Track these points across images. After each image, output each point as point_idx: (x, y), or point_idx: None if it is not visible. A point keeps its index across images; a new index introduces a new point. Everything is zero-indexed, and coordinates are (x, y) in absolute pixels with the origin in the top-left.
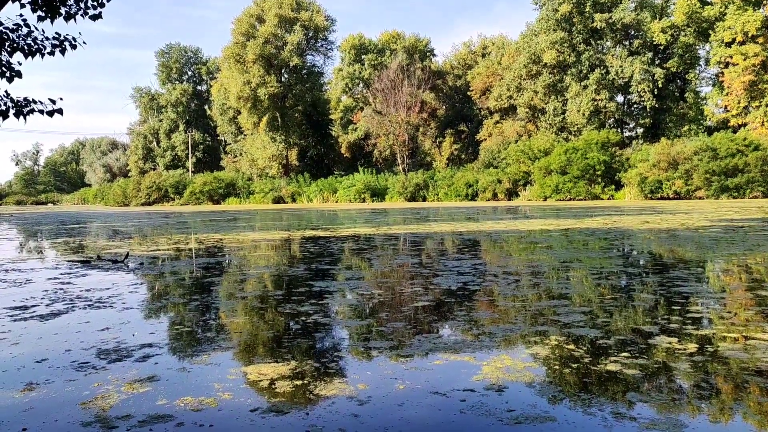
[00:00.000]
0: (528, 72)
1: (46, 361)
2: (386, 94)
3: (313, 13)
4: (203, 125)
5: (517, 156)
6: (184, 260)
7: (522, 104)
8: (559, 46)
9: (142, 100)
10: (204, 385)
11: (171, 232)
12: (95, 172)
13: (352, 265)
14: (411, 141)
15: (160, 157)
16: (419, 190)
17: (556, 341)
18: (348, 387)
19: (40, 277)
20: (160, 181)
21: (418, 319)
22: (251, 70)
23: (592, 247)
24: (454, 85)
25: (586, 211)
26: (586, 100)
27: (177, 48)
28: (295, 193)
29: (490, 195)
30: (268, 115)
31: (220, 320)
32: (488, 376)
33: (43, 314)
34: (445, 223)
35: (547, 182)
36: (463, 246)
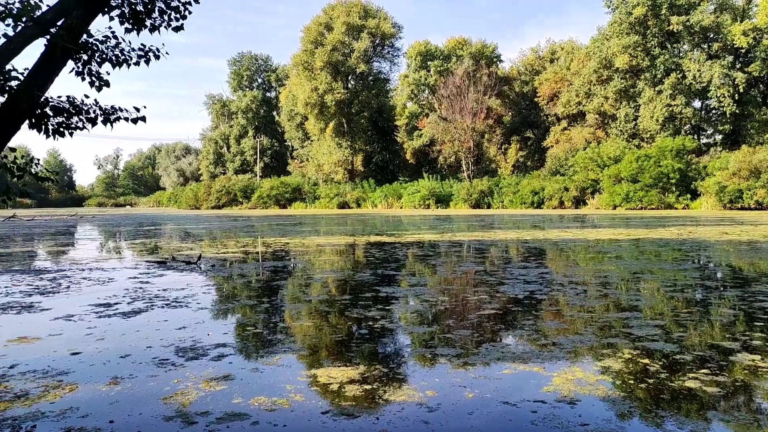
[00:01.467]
0: (598, 77)
1: (129, 356)
2: (452, 100)
3: (380, 21)
4: (271, 131)
5: (585, 163)
6: (252, 263)
7: (591, 110)
8: (633, 50)
9: (214, 107)
10: (276, 386)
11: (239, 235)
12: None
13: (417, 271)
14: (476, 147)
15: (230, 162)
16: (484, 197)
17: (630, 354)
18: (417, 393)
19: (121, 276)
20: (230, 185)
21: (484, 326)
22: (319, 76)
23: (665, 259)
24: (521, 91)
25: (658, 221)
26: (661, 105)
27: (248, 56)
28: (359, 199)
29: (557, 203)
30: (334, 121)
31: (288, 323)
32: (559, 388)
33: (125, 312)
34: (510, 231)
35: (617, 190)
36: (529, 254)
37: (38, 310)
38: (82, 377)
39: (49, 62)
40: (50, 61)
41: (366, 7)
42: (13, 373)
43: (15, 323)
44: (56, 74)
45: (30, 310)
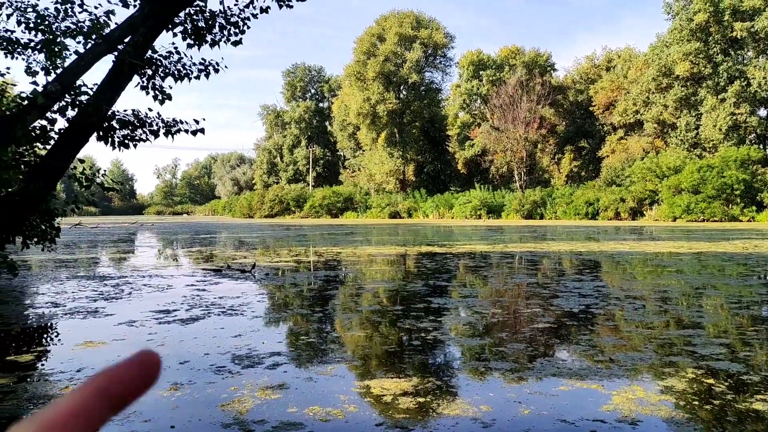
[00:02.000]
0: (657, 85)
1: (188, 363)
2: (504, 110)
3: (433, 31)
4: (324, 141)
5: (642, 173)
6: (304, 272)
7: (650, 119)
8: (694, 57)
9: (268, 117)
10: (330, 396)
11: (292, 245)
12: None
13: (468, 282)
14: (529, 157)
15: (282, 172)
16: (536, 207)
17: (693, 374)
18: (471, 408)
19: (179, 283)
20: (283, 194)
21: (538, 340)
22: (371, 87)
23: (729, 273)
24: (575, 100)
25: (722, 234)
26: (724, 114)
27: (302, 67)
28: (411, 209)
29: (612, 214)
30: (386, 131)
31: (341, 333)
32: (619, 407)
33: (183, 319)
34: (564, 243)
35: (677, 202)
36: (583, 267)
37: (102, 315)
38: None
39: (117, 77)
40: (118, 76)
41: (418, 18)
42: (80, 376)
43: (81, 328)
44: (123, 89)
45: (95, 315)
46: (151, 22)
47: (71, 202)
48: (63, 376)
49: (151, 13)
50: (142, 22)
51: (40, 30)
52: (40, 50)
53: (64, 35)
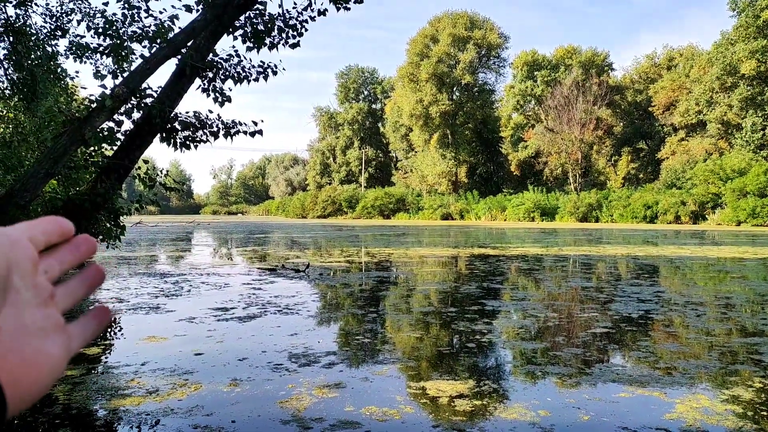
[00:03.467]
0: (722, 84)
1: (246, 360)
2: (559, 111)
3: (487, 31)
4: (376, 142)
5: (705, 176)
6: (356, 273)
7: (713, 120)
8: (761, 55)
9: (322, 119)
10: (386, 397)
11: (344, 245)
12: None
13: (522, 285)
14: (584, 159)
15: (335, 173)
16: (591, 210)
17: (761, 383)
18: (528, 412)
19: (235, 281)
20: (335, 195)
21: (596, 345)
22: (424, 88)
23: None
24: (634, 101)
25: None
26: None
27: (355, 69)
28: (463, 210)
29: (672, 218)
30: (438, 133)
31: (394, 333)
32: (684, 416)
33: (241, 316)
34: (620, 246)
35: (742, 205)
36: (641, 271)
37: (164, 311)
38: (205, 377)
39: (180, 80)
40: (180, 79)
41: (472, 18)
42: (145, 370)
43: (145, 323)
44: (185, 91)
45: (157, 311)
46: (212, 26)
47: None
48: (128, 369)
49: (213, 17)
50: (204, 26)
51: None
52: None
53: (131, 40)
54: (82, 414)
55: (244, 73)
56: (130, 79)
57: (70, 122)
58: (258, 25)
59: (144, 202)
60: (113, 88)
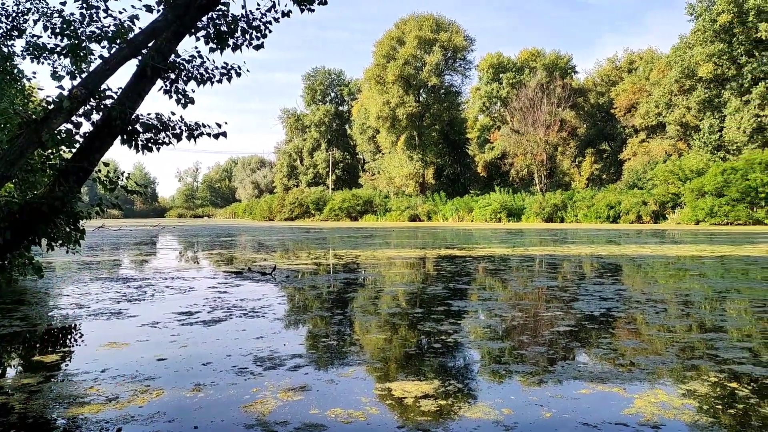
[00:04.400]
0: (680, 87)
1: (211, 364)
2: (524, 112)
3: (452, 34)
4: (343, 144)
5: (665, 176)
6: (324, 275)
7: (672, 121)
8: (717, 58)
9: (289, 121)
10: (352, 399)
11: (311, 247)
12: (245, 189)
13: (488, 285)
14: (549, 160)
15: (302, 175)
16: (557, 210)
17: (716, 378)
18: (492, 411)
19: (200, 285)
20: (303, 197)
21: (558, 343)
22: (390, 90)
23: (753, 277)
24: (596, 103)
25: (746, 237)
26: (748, 116)
27: (321, 71)
28: (430, 212)
29: (634, 217)
30: (405, 134)
31: (361, 335)
32: (642, 411)
33: (205, 320)
34: (584, 246)
35: (700, 205)
36: (604, 270)
37: (126, 316)
38: (168, 383)
39: (141, 81)
40: (141, 80)
41: (438, 21)
42: (105, 377)
43: (106, 329)
44: (146, 93)
45: (119, 316)
46: (174, 27)
47: (96, 205)
48: (87, 376)
49: (174, 17)
50: (166, 27)
51: (65, 35)
52: (65, 55)
53: (89, 40)
54: (39, 423)
55: (207, 75)
56: (88, 80)
57: (27, 124)
58: (221, 26)
59: (105, 206)
60: (71, 89)
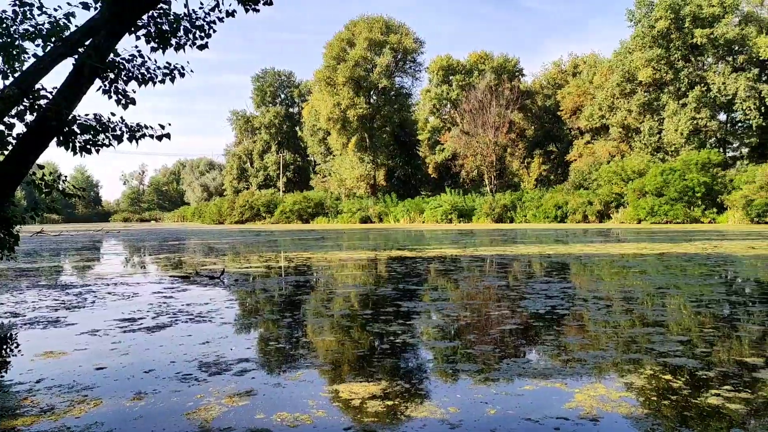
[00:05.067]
0: (621, 91)
1: (153, 371)
2: (474, 114)
3: (402, 36)
4: (294, 146)
5: (609, 177)
6: (274, 278)
7: (615, 124)
8: (656, 63)
9: (238, 123)
10: (298, 402)
11: (262, 250)
12: (194, 191)
13: (438, 286)
14: (498, 161)
15: (253, 177)
16: (506, 211)
17: (652, 371)
18: (439, 410)
19: (145, 291)
20: (253, 200)
21: (505, 342)
22: (341, 92)
23: (690, 274)
24: (544, 105)
25: (684, 235)
26: (685, 118)
27: (271, 72)
28: (382, 213)
29: (580, 217)
30: (356, 136)
31: (310, 338)
32: (582, 405)
33: (149, 327)
34: (533, 245)
35: (642, 204)
36: (552, 269)
37: (64, 324)
38: (107, 392)
39: (77, 81)
40: (78, 79)
41: (388, 23)
42: (40, 387)
43: (42, 338)
44: (84, 93)
45: (56, 324)
46: (112, 25)
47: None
48: (21, 387)
49: (113, 15)
50: (104, 25)
51: None
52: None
53: (22, 38)
54: None
55: (149, 75)
56: (22, 79)
57: None
58: (162, 25)
59: (41, 210)
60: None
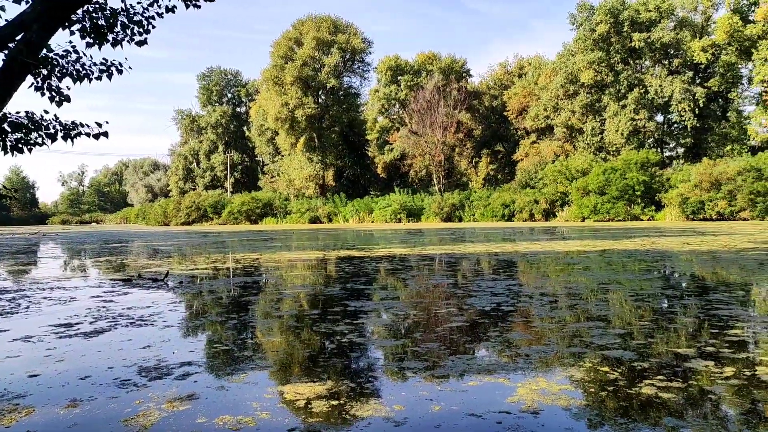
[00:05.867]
0: (565, 92)
1: (90, 378)
2: (422, 114)
3: (350, 36)
4: (242, 146)
5: (554, 176)
6: (221, 279)
7: (559, 124)
8: (597, 65)
9: (183, 122)
10: (242, 404)
11: (209, 252)
12: (137, 193)
13: (387, 285)
14: (447, 161)
15: (199, 178)
16: (455, 210)
17: (591, 363)
18: (384, 408)
19: (83, 295)
20: (200, 201)
21: (452, 339)
22: (289, 91)
23: (630, 269)
24: (491, 106)
25: (624, 232)
26: (625, 119)
27: (217, 71)
28: (331, 213)
29: (527, 215)
30: (305, 136)
31: (257, 339)
32: (523, 398)
33: (86, 332)
34: (481, 244)
35: (585, 203)
36: (499, 267)
37: None
38: (40, 400)
39: (8, 77)
40: (9, 76)
41: (336, 23)
42: None
43: None
44: (15, 89)
45: None
46: (45, 19)
47: None
48: None
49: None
50: (36, 19)
51: None
52: None
53: None
54: None
55: (85, 71)
56: None
57: None
58: (98, 20)
59: None
60: None
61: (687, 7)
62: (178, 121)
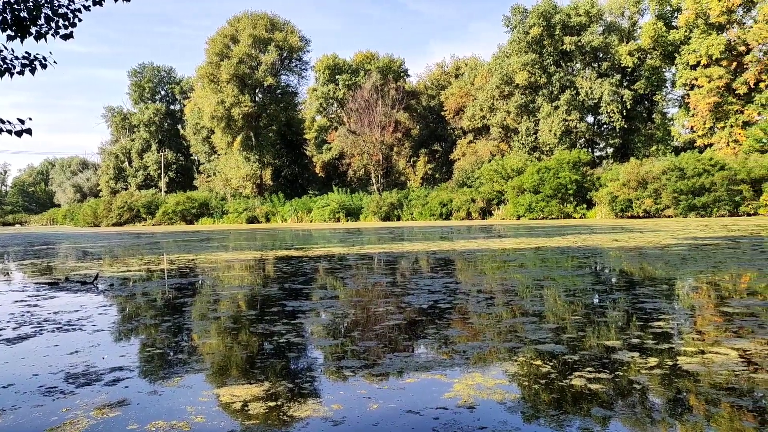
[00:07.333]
0: (500, 92)
1: (13, 386)
2: (360, 113)
3: (288, 34)
4: (176, 145)
5: (490, 175)
6: (155, 281)
7: (495, 124)
8: (531, 67)
9: (114, 120)
10: (176, 409)
11: (142, 253)
12: (65, 193)
13: (325, 284)
14: (385, 160)
15: (132, 177)
16: (393, 209)
17: (524, 358)
18: (322, 408)
19: (6, 299)
20: (132, 201)
21: (390, 337)
22: (225, 89)
23: (563, 266)
24: (428, 105)
25: (558, 230)
26: (558, 120)
27: (150, 67)
28: (269, 213)
29: (464, 214)
30: (242, 135)
31: (192, 341)
32: (459, 394)
33: (9, 338)
34: (419, 243)
35: (520, 201)
36: (437, 265)
37: None
38: None
39: None
40: None
41: (273, 20)
42: None
43: None
44: None
45: None
46: None
47: None
48: None
49: None
50: None
51: None
52: None
53: None
54: None
55: (6, 65)
56: None
57: None
58: (20, 12)
59: None
60: None
61: (615, 12)
62: (109, 119)
